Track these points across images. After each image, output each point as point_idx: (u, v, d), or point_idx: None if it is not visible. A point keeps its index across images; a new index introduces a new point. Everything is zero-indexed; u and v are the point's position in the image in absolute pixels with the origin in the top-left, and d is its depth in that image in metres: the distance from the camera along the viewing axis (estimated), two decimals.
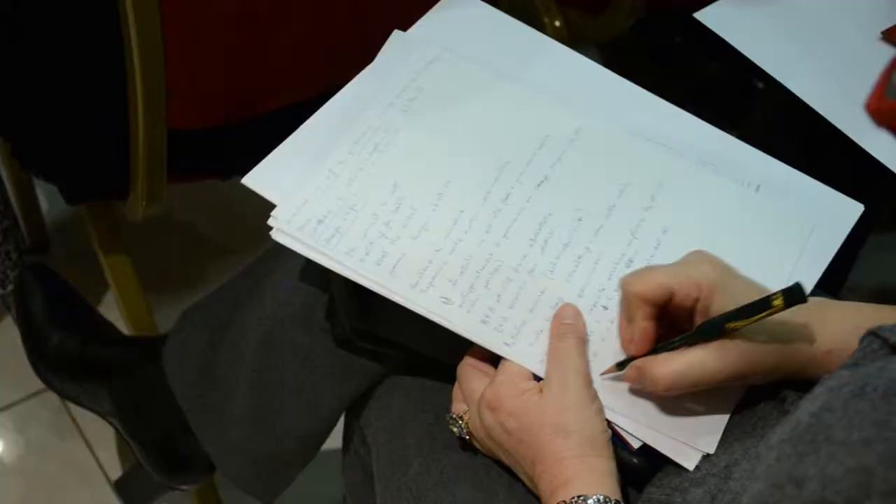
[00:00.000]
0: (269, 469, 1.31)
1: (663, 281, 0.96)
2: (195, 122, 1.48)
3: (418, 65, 1.16)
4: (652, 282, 0.96)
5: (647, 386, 0.97)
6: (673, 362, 0.95)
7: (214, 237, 2.16)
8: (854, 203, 1.14)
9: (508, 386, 0.97)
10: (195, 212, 2.19)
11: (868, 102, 0.55)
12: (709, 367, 0.94)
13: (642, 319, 0.97)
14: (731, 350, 0.94)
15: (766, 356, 0.95)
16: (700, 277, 0.95)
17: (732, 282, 0.96)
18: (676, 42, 2.24)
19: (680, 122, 1.17)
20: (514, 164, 1.10)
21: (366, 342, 1.15)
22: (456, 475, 1.05)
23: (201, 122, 1.49)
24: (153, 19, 1.28)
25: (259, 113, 1.51)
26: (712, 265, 0.97)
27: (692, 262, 0.98)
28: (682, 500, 0.96)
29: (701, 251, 1.00)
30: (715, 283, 0.95)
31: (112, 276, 1.79)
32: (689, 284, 0.95)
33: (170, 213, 2.15)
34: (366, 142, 1.10)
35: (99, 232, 1.77)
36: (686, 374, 0.94)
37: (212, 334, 1.32)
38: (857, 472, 0.62)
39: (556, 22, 1.95)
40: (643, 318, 0.97)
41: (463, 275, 1.04)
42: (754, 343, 0.94)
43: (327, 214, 1.05)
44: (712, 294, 0.95)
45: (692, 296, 0.95)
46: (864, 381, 0.72)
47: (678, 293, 0.95)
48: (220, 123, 1.51)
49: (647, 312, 0.97)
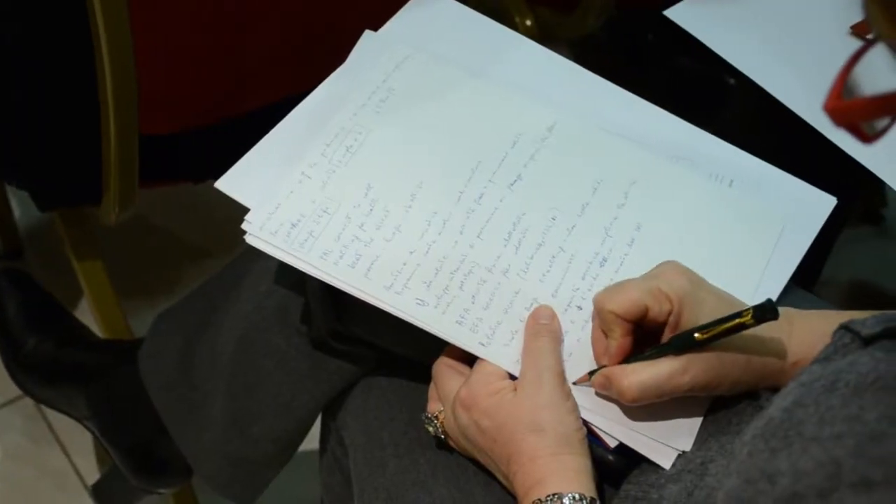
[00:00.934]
0: (246, 471, 1.31)
1: (637, 298, 0.96)
2: (167, 126, 1.48)
3: (389, 65, 1.16)
4: (626, 300, 0.96)
5: (613, 394, 0.97)
6: (640, 374, 0.95)
7: (189, 241, 2.16)
8: (827, 196, 1.14)
9: (483, 385, 0.97)
10: (170, 215, 2.18)
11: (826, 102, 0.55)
12: (674, 380, 0.94)
13: (620, 336, 0.98)
14: (698, 363, 0.94)
15: (732, 369, 0.96)
16: (671, 291, 0.96)
17: (704, 295, 0.97)
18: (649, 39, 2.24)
19: (653, 118, 1.17)
20: (487, 163, 1.10)
21: (341, 343, 1.15)
22: (433, 475, 1.05)
23: (173, 127, 1.49)
24: (122, 25, 1.28)
25: (231, 116, 1.51)
26: (686, 278, 0.98)
27: (664, 273, 0.98)
28: (658, 497, 0.96)
29: (673, 262, 1.00)
30: (686, 297, 0.96)
31: (86, 282, 1.78)
32: (662, 298, 0.96)
33: (144, 217, 2.15)
34: (338, 144, 1.10)
35: (72, 238, 1.77)
36: (652, 386, 0.95)
37: (187, 337, 1.32)
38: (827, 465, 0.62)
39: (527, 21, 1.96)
40: (620, 335, 0.98)
41: (437, 276, 1.04)
42: (721, 356, 0.95)
43: (301, 218, 1.05)
44: (682, 307, 0.95)
45: (665, 310, 0.96)
46: (835, 377, 0.73)
47: (652, 308, 0.96)
48: (193, 128, 1.51)
49: (624, 329, 0.97)
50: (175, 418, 1.34)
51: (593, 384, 0.99)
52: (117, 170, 1.45)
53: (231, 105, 1.51)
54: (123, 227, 1.63)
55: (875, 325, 0.80)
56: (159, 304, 1.45)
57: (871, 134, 0.57)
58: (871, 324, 0.81)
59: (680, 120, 1.17)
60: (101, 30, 1.28)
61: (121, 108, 1.37)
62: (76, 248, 1.77)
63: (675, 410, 1.00)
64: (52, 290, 1.62)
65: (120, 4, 1.26)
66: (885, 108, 0.56)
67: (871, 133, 0.57)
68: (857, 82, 0.58)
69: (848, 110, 0.56)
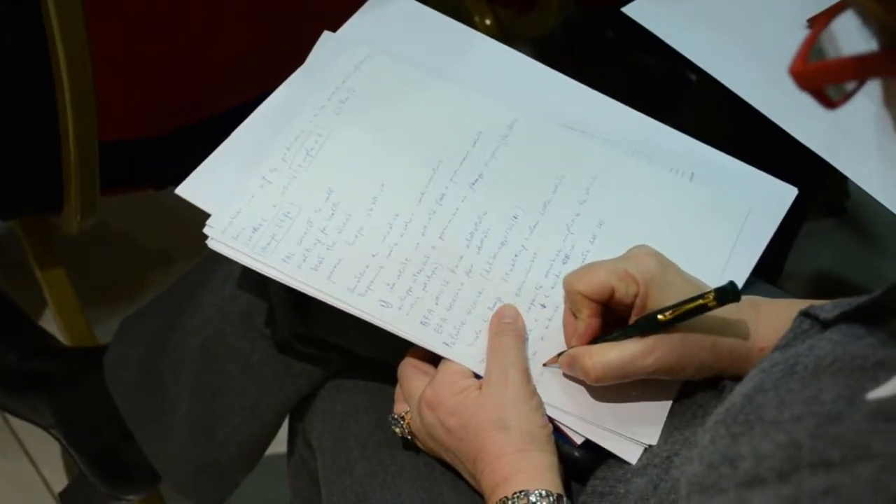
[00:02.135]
0: (214, 476, 1.31)
1: (604, 279, 0.97)
2: (127, 133, 1.47)
3: (349, 66, 1.15)
4: (593, 280, 0.97)
5: (578, 374, 0.98)
6: (604, 354, 0.96)
7: (153, 247, 2.15)
8: (787, 187, 1.15)
9: (448, 384, 0.98)
10: (133, 222, 2.17)
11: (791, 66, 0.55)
12: (639, 361, 0.95)
13: (587, 316, 0.98)
14: (663, 345, 0.95)
15: (697, 352, 0.96)
16: (638, 273, 0.96)
17: (671, 278, 0.98)
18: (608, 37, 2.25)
19: (613, 114, 1.17)
20: (448, 163, 1.10)
21: (306, 346, 1.15)
22: (400, 476, 1.05)
23: (133, 133, 1.48)
24: (79, 31, 1.27)
25: (192, 122, 1.50)
26: (654, 260, 0.98)
27: (633, 256, 0.99)
28: (624, 491, 0.96)
29: (644, 246, 1.01)
30: (652, 278, 0.96)
31: (49, 291, 1.77)
32: (629, 280, 0.96)
33: (107, 224, 2.13)
34: (298, 147, 1.09)
35: (33, 247, 1.76)
36: (615, 366, 0.95)
37: (152, 343, 1.31)
38: (787, 446, 0.63)
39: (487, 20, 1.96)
40: (588, 316, 0.98)
41: (400, 278, 1.04)
42: (686, 338, 0.95)
43: (262, 222, 1.05)
44: (649, 290, 0.96)
45: (632, 291, 0.96)
46: (794, 361, 0.73)
47: (618, 289, 0.96)
48: (153, 134, 1.50)
49: (592, 309, 0.98)
50: (140, 424, 1.34)
51: (560, 364, 1.00)
52: (77, 177, 1.44)
53: (191, 111, 1.50)
54: (86, 235, 1.62)
55: (833, 309, 0.81)
56: (124, 311, 1.44)
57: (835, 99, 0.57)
58: (829, 308, 0.82)
59: (640, 115, 1.18)
60: (57, 37, 1.27)
61: (79, 115, 1.36)
62: (38, 257, 1.77)
63: (640, 405, 1.00)
64: (15, 298, 1.61)
65: (75, 11, 1.25)
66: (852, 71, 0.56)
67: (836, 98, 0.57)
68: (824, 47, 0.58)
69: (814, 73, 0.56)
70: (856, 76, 0.56)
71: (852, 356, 0.70)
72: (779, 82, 0.95)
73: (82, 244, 1.94)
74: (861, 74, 0.56)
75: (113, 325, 1.43)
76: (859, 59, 0.55)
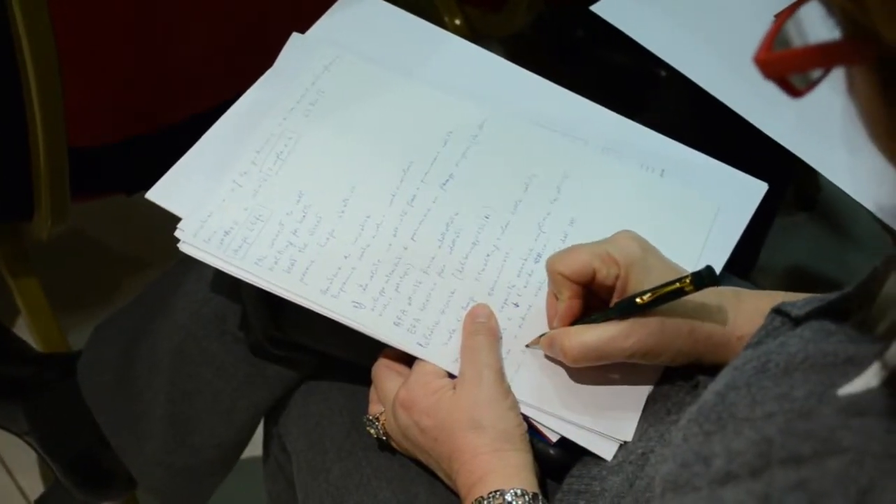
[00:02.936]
0: (189, 480, 1.30)
1: (586, 260, 0.97)
2: (96, 139, 1.46)
3: (318, 67, 1.15)
4: (575, 262, 0.98)
5: (557, 355, 0.99)
6: (583, 335, 0.97)
7: (126, 252, 2.14)
8: (758, 182, 1.15)
9: (422, 385, 0.98)
10: (105, 228, 2.16)
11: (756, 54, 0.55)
12: (617, 343, 0.96)
13: (568, 298, 0.99)
14: (642, 328, 0.95)
15: (676, 336, 0.97)
16: (619, 255, 0.97)
17: (652, 261, 0.98)
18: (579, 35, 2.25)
19: (583, 112, 1.18)
20: (419, 163, 1.10)
21: (279, 349, 1.15)
22: (376, 477, 1.05)
23: (103, 139, 1.48)
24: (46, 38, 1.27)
25: (162, 126, 1.50)
26: (636, 243, 0.99)
27: (615, 239, 1.00)
28: (600, 489, 0.97)
29: (628, 230, 1.01)
30: (634, 262, 0.97)
31: (21, 299, 1.77)
32: (610, 262, 0.97)
33: (80, 231, 2.13)
34: (268, 150, 1.09)
35: (4, 255, 1.76)
36: (594, 347, 0.96)
37: (125, 347, 1.31)
38: (759, 443, 0.63)
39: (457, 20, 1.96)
40: (569, 297, 0.99)
41: (373, 279, 1.04)
42: (665, 323, 0.96)
43: (234, 225, 1.05)
44: (630, 272, 0.97)
45: (613, 273, 0.97)
46: (766, 358, 0.74)
47: (600, 271, 0.97)
48: (123, 139, 1.50)
49: (573, 291, 0.99)
50: (116, 429, 1.33)
51: (542, 345, 1.01)
52: (48, 184, 1.44)
53: (161, 115, 1.50)
54: (59, 241, 1.61)
55: (804, 306, 0.81)
56: (97, 317, 1.44)
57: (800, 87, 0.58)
58: (800, 305, 0.82)
59: (610, 112, 1.18)
60: (24, 44, 1.27)
61: (48, 122, 1.36)
62: (10, 265, 1.76)
63: (615, 401, 1.00)
64: None
65: (42, 19, 1.25)
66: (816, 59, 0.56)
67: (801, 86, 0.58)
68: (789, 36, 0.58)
69: (778, 62, 0.56)
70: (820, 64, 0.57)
71: (823, 353, 0.70)
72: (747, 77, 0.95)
73: (55, 251, 1.93)
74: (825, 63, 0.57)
75: (86, 331, 1.42)
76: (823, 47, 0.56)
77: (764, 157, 1.18)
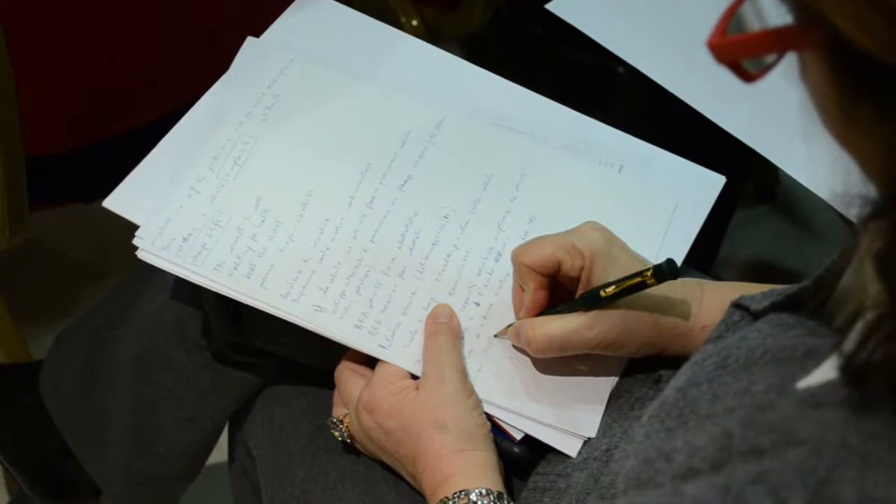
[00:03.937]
0: (155, 488, 1.30)
1: (550, 251, 0.98)
2: (51, 147, 1.46)
3: (274, 70, 1.15)
4: (540, 253, 0.98)
5: (522, 345, 0.99)
6: (547, 326, 0.97)
7: (86, 261, 2.13)
8: (715, 175, 1.16)
9: (384, 386, 0.98)
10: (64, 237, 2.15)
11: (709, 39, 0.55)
12: (581, 334, 0.96)
13: (534, 289, 0.99)
14: (606, 319, 0.96)
15: (639, 327, 0.97)
16: (584, 246, 0.98)
17: (616, 253, 0.99)
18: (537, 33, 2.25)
19: (541, 109, 1.18)
20: (377, 165, 1.10)
21: (242, 355, 1.15)
22: (341, 480, 1.05)
23: (58, 147, 1.47)
24: None
25: (119, 133, 1.49)
26: (600, 234, 0.99)
27: (580, 230, 1.00)
28: (566, 486, 0.97)
29: (593, 222, 1.01)
30: (598, 252, 0.98)
31: None
32: (575, 253, 0.98)
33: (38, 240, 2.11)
34: (225, 156, 1.09)
35: None
36: (558, 338, 0.97)
37: (86, 357, 1.30)
38: (719, 437, 0.63)
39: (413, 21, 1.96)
40: (534, 288, 0.99)
41: (333, 282, 1.04)
42: (629, 314, 0.97)
43: (192, 232, 1.04)
44: (594, 263, 0.97)
45: (577, 265, 0.97)
46: (726, 353, 0.74)
47: (564, 262, 0.97)
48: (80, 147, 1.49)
49: (539, 282, 0.99)
50: (79, 439, 1.33)
51: (510, 336, 1.02)
52: (5, 194, 1.43)
53: (117, 122, 1.49)
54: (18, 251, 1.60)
55: (763, 300, 0.82)
56: (58, 327, 1.43)
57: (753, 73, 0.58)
58: (759, 299, 0.83)
59: (568, 109, 1.18)
60: None
61: (4, 131, 1.35)
62: None
63: (579, 396, 1.01)
64: None
65: None
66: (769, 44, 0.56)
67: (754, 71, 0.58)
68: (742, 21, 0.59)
69: (731, 46, 0.57)
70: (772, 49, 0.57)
71: (782, 346, 0.70)
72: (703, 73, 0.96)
73: (14, 261, 1.92)
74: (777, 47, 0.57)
75: (48, 340, 1.41)
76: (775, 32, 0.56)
77: (722, 151, 1.18)
